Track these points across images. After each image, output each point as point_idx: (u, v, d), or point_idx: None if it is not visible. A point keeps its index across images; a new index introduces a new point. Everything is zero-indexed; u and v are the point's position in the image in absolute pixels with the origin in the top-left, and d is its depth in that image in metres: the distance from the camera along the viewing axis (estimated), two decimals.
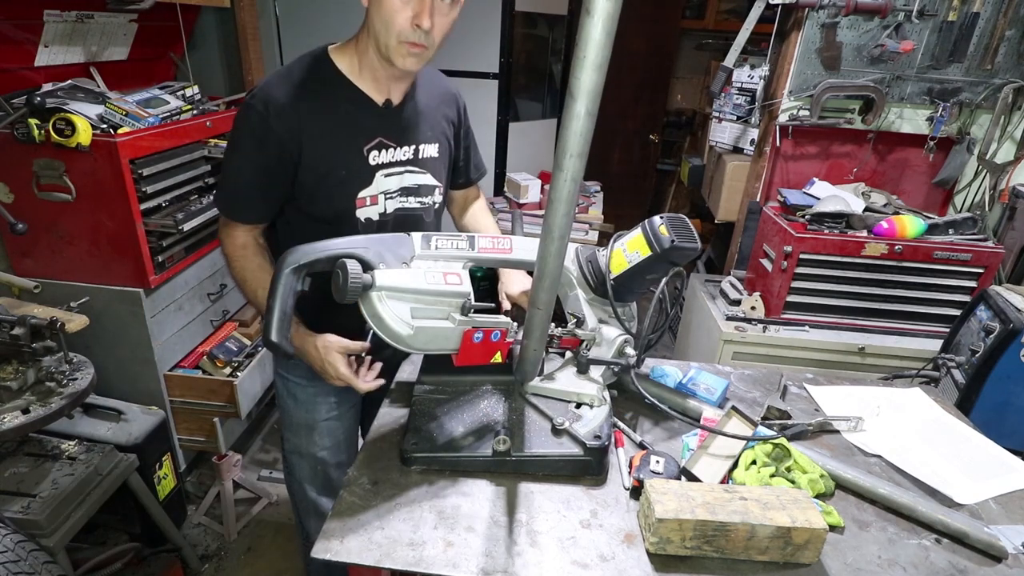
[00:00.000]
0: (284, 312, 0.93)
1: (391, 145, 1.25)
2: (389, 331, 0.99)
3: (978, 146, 2.32)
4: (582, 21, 0.69)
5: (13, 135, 1.69)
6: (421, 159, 1.31)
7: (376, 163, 1.23)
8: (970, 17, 2.15)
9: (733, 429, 1.14)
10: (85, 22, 1.92)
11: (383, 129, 1.24)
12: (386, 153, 1.25)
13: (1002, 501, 1.12)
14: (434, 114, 1.34)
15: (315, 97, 1.17)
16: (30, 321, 1.49)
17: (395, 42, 1.10)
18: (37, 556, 1.36)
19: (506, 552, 0.92)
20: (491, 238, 1.14)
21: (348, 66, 1.20)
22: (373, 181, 1.24)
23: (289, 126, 1.14)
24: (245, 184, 1.20)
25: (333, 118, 1.19)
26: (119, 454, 1.72)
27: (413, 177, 1.30)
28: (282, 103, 1.14)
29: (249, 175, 1.19)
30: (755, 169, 2.61)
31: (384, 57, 1.14)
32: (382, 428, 1.20)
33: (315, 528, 1.49)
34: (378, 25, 1.10)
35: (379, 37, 1.12)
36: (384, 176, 1.25)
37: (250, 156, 1.18)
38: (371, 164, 1.23)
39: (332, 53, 1.21)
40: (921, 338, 2.27)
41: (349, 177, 1.21)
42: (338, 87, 1.20)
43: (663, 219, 1.15)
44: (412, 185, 1.30)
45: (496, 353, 1.10)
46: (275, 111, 1.14)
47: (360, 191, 1.23)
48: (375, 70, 1.19)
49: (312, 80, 1.18)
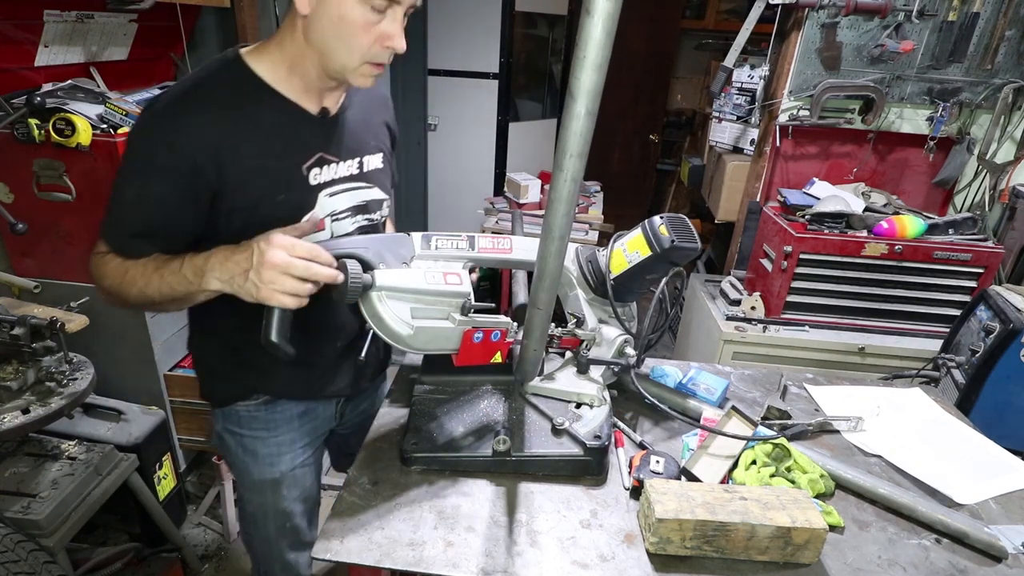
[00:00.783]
0: (284, 312, 0.93)
1: (333, 160, 1.09)
2: (389, 331, 0.98)
3: (978, 146, 2.32)
4: (582, 21, 0.69)
5: (13, 135, 1.69)
6: (367, 172, 1.16)
7: (318, 183, 1.06)
8: (970, 17, 2.15)
9: (733, 429, 1.14)
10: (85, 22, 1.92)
11: (322, 143, 1.07)
12: (328, 170, 1.08)
13: (1002, 501, 1.12)
14: (374, 120, 1.21)
15: (235, 108, 0.98)
16: (30, 321, 1.49)
17: (358, 63, 0.97)
18: (37, 556, 1.36)
19: (506, 552, 0.92)
20: (491, 238, 1.14)
21: (270, 72, 1.01)
22: (316, 203, 1.07)
23: (203, 144, 0.95)
24: (144, 218, 0.98)
25: (260, 133, 1.00)
26: (119, 454, 1.72)
27: (360, 193, 1.15)
28: (192, 116, 0.95)
29: (149, 207, 0.97)
30: (755, 169, 2.61)
31: (334, 76, 1.00)
32: (382, 428, 1.20)
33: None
34: (333, 43, 0.95)
35: (333, 56, 0.97)
36: (328, 196, 1.09)
37: (151, 183, 0.96)
38: (312, 184, 1.06)
39: (247, 57, 1.01)
40: (921, 338, 2.27)
41: (288, 201, 1.03)
42: (262, 96, 1.00)
43: (663, 219, 1.15)
44: (360, 202, 1.15)
45: (496, 353, 1.10)
46: (183, 126, 0.94)
47: (302, 217, 1.05)
48: (309, 80, 1.02)
49: (227, 88, 0.99)
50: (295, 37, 0.98)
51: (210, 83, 0.99)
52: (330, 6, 0.92)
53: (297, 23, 0.97)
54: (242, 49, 1.03)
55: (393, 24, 0.96)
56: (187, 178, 0.95)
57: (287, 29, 0.99)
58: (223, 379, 1.21)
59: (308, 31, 0.96)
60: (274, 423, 1.22)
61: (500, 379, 1.22)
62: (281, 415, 1.23)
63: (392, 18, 0.95)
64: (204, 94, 0.98)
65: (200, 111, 0.96)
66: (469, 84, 3.57)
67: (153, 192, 0.96)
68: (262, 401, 1.20)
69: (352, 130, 1.13)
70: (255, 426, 1.22)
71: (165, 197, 0.96)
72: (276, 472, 1.26)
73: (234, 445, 1.25)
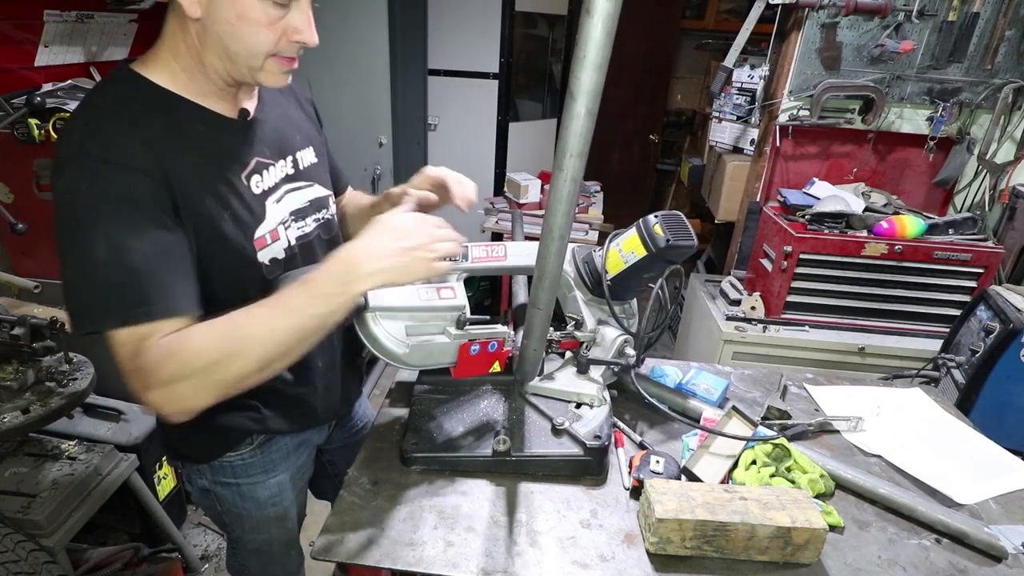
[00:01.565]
0: None
1: (269, 163, 1.00)
2: (384, 350, 0.98)
3: (978, 146, 2.32)
4: (582, 21, 0.69)
5: (13, 135, 1.69)
6: (303, 170, 1.08)
7: (261, 190, 0.98)
8: (970, 17, 2.15)
9: (733, 429, 1.14)
10: (85, 22, 1.92)
11: (252, 146, 0.97)
12: (268, 175, 0.99)
13: (1002, 501, 1.12)
14: (290, 111, 1.10)
15: (155, 122, 0.86)
16: (30, 321, 1.49)
17: (262, 62, 0.87)
18: (37, 556, 1.36)
19: (506, 552, 0.92)
20: (485, 246, 1.13)
21: (171, 82, 0.89)
22: (265, 213, 0.98)
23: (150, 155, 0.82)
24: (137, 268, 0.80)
25: (189, 146, 0.89)
26: (119, 454, 1.72)
27: (301, 194, 1.06)
28: (121, 132, 0.82)
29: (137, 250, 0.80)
30: (755, 169, 2.61)
31: (240, 79, 0.90)
32: (382, 428, 1.20)
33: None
34: (234, 46, 0.85)
35: (235, 59, 0.86)
36: (275, 203, 1.00)
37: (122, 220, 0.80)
38: (256, 193, 0.97)
39: (141, 71, 0.88)
40: (921, 338, 2.27)
41: (237, 216, 0.93)
42: (176, 107, 0.89)
43: (658, 218, 1.14)
44: (303, 204, 1.07)
45: (494, 363, 1.10)
46: (120, 143, 0.81)
47: (256, 230, 0.96)
48: (215, 84, 0.92)
49: (138, 103, 0.86)
50: (188, 42, 0.87)
51: (116, 99, 0.86)
52: (226, 6, 0.82)
53: (188, 27, 0.86)
54: (131, 64, 0.90)
55: (300, 16, 0.86)
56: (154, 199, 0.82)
57: (176, 35, 0.88)
58: (208, 431, 1.05)
59: (203, 35, 0.85)
60: (271, 464, 1.16)
61: (500, 379, 1.22)
62: (277, 453, 1.17)
63: (298, 9, 0.86)
64: (118, 110, 0.84)
65: (123, 126, 0.83)
66: (469, 84, 3.57)
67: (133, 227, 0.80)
68: (256, 445, 1.13)
69: (276, 128, 1.04)
70: (252, 472, 1.14)
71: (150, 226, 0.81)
72: (281, 509, 1.22)
73: (230, 496, 1.15)
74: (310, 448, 1.27)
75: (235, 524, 1.21)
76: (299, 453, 1.22)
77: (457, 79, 3.57)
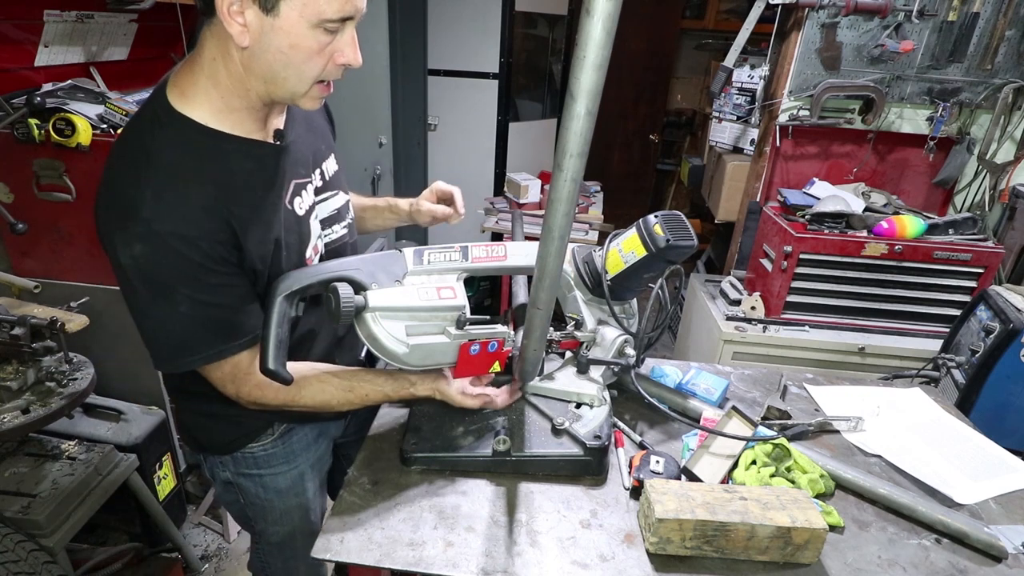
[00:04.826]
0: (280, 340, 0.93)
1: (305, 181, 1.04)
2: (385, 350, 0.98)
3: (978, 146, 2.32)
4: (582, 21, 0.69)
5: (13, 135, 1.69)
6: (328, 180, 1.11)
7: (303, 211, 1.03)
8: (970, 17, 2.15)
9: (733, 429, 1.14)
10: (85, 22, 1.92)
11: (290, 167, 1.01)
12: (306, 194, 1.04)
13: (1002, 501, 1.12)
14: (319, 120, 1.14)
15: (215, 178, 0.90)
16: (30, 321, 1.49)
17: (308, 87, 0.90)
18: (37, 556, 1.36)
19: (506, 552, 0.92)
20: (485, 246, 1.13)
21: (210, 115, 0.90)
22: (311, 231, 1.05)
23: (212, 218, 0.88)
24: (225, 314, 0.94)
25: (243, 189, 0.93)
26: (119, 454, 1.72)
27: (328, 204, 1.11)
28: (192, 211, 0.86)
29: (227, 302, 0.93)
30: (755, 169, 2.61)
31: (280, 101, 0.93)
32: (382, 428, 1.20)
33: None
34: (283, 73, 0.87)
35: (283, 84, 0.88)
36: (315, 219, 1.06)
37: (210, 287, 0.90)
38: (300, 215, 1.02)
39: (180, 107, 0.89)
40: (921, 338, 2.27)
41: (290, 241, 1.00)
42: (220, 147, 0.91)
43: (657, 218, 1.14)
44: (332, 212, 1.12)
45: (494, 363, 1.10)
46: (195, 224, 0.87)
47: (307, 250, 1.04)
48: (254, 111, 0.94)
49: (193, 156, 0.89)
50: (230, 69, 0.88)
51: (172, 155, 0.88)
52: (278, 36, 0.83)
53: (233, 55, 0.86)
54: (169, 93, 0.90)
55: (346, 39, 0.88)
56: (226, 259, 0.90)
57: (217, 61, 0.88)
58: (230, 422, 1.11)
59: (249, 63, 0.86)
60: (292, 454, 1.19)
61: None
62: (299, 443, 1.20)
63: (345, 33, 0.88)
64: (175, 170, 0.87)
65: (185, 190, 0.87)
66: (469, 84, 3.56)
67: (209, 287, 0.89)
68: (277, 435, 1.16)
69: (306, 142, 1.06)
70: (274, 462, 1.18)
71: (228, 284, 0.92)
72: (304, 499, 1.24)
73: (253, 487, 1.19)
74: (328, 439, 1.29)
75: (258, 517, 1.23)
76: (318, 444, 1.25)
77: (457, 79, 3.57)
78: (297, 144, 1.03)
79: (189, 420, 1.17)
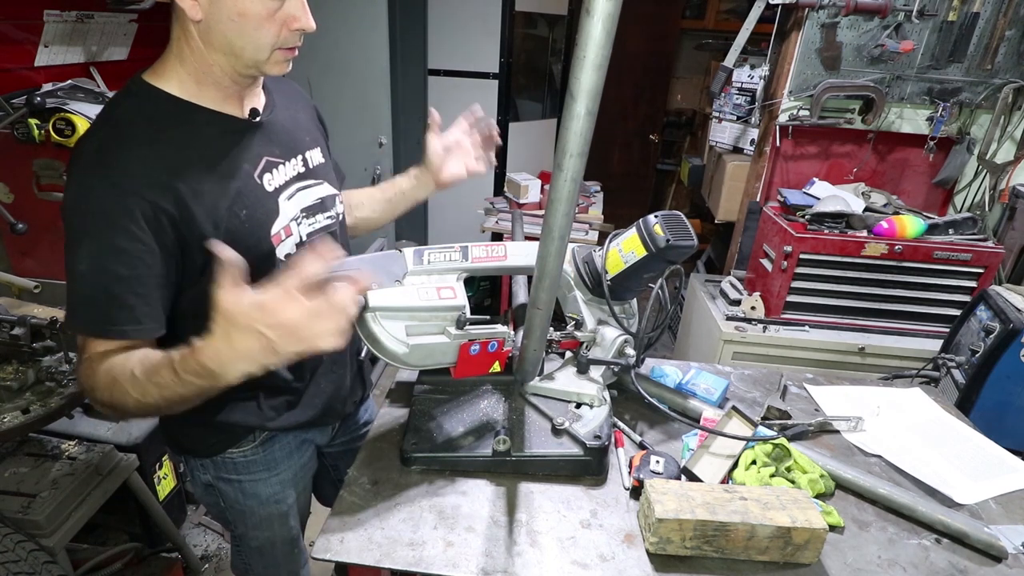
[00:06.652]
0: None
1: (278, 161, 1.03)
2: (385, 351, 0.98)
3: (978, 146, 2.32)
4: (582, 21, 0.69)
5: (13, 135, 1.69)
6: (312, 168, 1.11)
7: (273, 188, 1.02)
8: (970, 17, 2.15)
9: (733, 429, 1.14)
10: (85, 22, 1.92)
11: (263, 145, 1.01)
12: (278, 173, 1.03)
13: (1002, 501, 1.12)
14: (301, 116, 1.15)
15: (168, 136, 0.91)
16: (30, 321, 1.49)
17: (268, 54, 0.91)
18: (37, 556, 1.36)
19: (506, 552, 0.92)
20: (485, 246, 1.13)
21: (181, 89, 0.93)
22: (279, 209, 1.02)
23: (153, 180, 0.87)
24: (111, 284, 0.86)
25: (203, 154, 0.93)
26: (119, 454, 1.72)
27: (313, 191, 1.10)
28: (129, 154, 0.87)
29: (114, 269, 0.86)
30: (755, 169, 2.61)
31: (247, 74, 0.94)
32: (382, 428, 1.20)
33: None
34: (239, 42, 0.89)
35: (241, 54, 0.90)
36: (287, 200, 1.04)
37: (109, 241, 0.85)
38: (268, 191, 1.01)
39: (152, 81, 0.93)
40: (921, 338, 2.27)
41: (253, 213, 0.98)
42: (188, 116, 0.93)
43: (657, 218, 1.14)
44: (315, 200, 1.10)
45: (494, 363, 1.10)
46: (125, 167, 0.86)
47: (272, 226, 1.00)
48: (223, 86, 0.95)
49: (151, 117, 0.91)
50: (192, 46, 0.91)
51: (130, 117, 0.90)
52: (224, 6, 0.86)
53: (191, 30, 0.89)
54: (143, 75, 0.94)
55: (296, 4, 0.90)
56: (150, 222, 0.86)
57: (181, 40, 0.91)
58: (211, 427, 1.09)
59: (207, 36, 0.89)
60: (274, 462, 1.17)
61: (500, 379, 1.22)
62: (280, 451, 1.18)
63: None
64: (131, 130, 0.89)
65: (135, 147, 0.87)
66: (469, 84, 3.56)
67: (114, 249, 0.85)
68: (259, 442, 1.14)
69: (286, 128, 1.07)
70: (255, 469, 1.15)
71: (131, 251, 0.86)
72: (284, 507, 1.22)
73: (232, 492, 1.17)
74: (311, 446, 1.27)
75: (238, 521, 1.21)
76: (301, 452, 1.23)
77: (457, 79, 3.57)
78: (274, 126, 1.05)
79: (169, 421, 1.15)
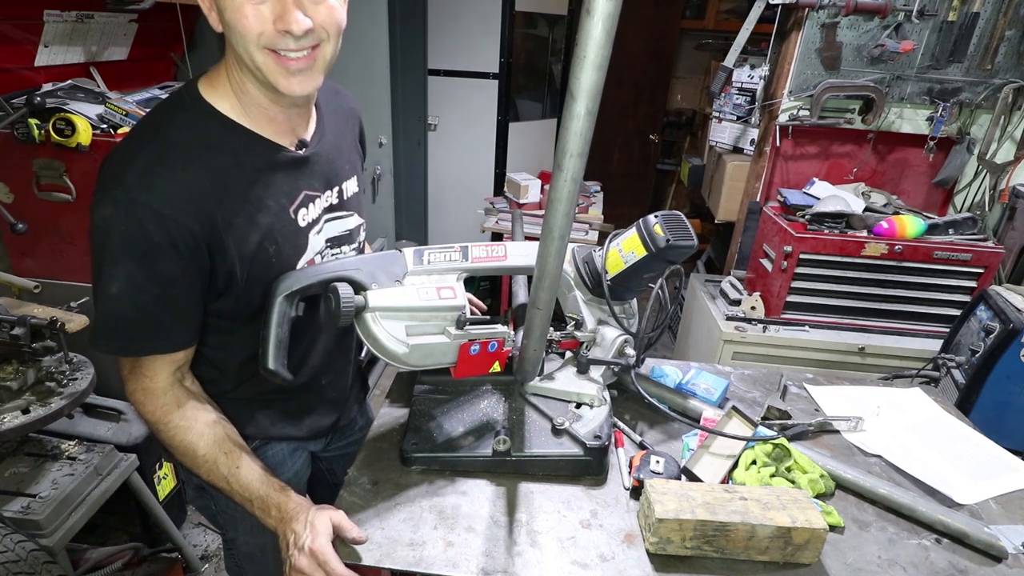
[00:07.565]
0: (280, 340, 0.93)
1: (316, 195, 1.01)
2: (384, 350, 0.98)
3: (978, 146, 2.32)
4: (582, 21, 0.69)
5: (13, 135, 1.69)
6: (346, 200, 1.09)
7: (306, 223, 1.00)
8: (970, 17, 2.15)
9: (733, 429, 1.14)
10: (85, 22, 1.92)
11: (305, 180, 0.99)
12: (314, 207, 1.01)
13: (1002, 501, 1.12)
14: (346, 141, 1.12)
15: (212, 161, 0.88)
16: (30, 321, 1.49)
17: (259, 55, 0.84)
18: (37, 556, 1.36)
19: (506, 552, 0.92)
20: (485, 246, 1.13)
21: (231, 108, 0.91)
22: (308, 244, 1.01)
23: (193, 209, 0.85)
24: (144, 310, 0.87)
25: (243, 183, 0.91)
26: (119, 454, 1.72)
27: (341, 223, 1.08)
28: (172, 181, 0.84)
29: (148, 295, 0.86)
30: (755, 169, 2.61)
31: (265, 85, 0.88)
32: (382, 428, 1.20)
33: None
34: (236, 45, 0.84)
35: (243, 58, 0.85)
36: (316, 234, 1.03)
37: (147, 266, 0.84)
38: (301, 226, 0.99)
39: (206, 92, 0.90)
40: (921, 338, 2.27)
41: (282, 249, 0.96)
42: (234, 139, 0.90)
43: (658, 218, 1.14)
44: (342, 232, 1.09)
45: (494, 363, 1.10)
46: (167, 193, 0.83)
47: (299, 261, 1.00)
48: (264, 107, 0.92)
49: (198, 138, 0.88)
50: (230, 61, 0.89)
51: (180, 136, 0.87)
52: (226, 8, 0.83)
53: (227, 46, 0.88)
54: (200, 83, 0.92)
55: (277, 3, 0.82)
56: (189, 249, 0.85)
57: (228, 57, 0.90)
58: None
59: (231, 48, 0.87)
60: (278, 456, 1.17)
61: (500, 379, 1.22)
62: (273, 458, 1.17)
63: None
64: (179, 152, 0.86)
65: (180, 171, 0.85)
66: (469, 84, 3.56)
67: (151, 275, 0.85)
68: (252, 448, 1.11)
69: (329, 159, 1.05)
70: None
71: (167, 276, 0.86)
72: None
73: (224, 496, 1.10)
74: (305, 452, 1.26)
75: (230, 525, 1.21)
76: (295, 458, 1.22)
77: (457, 79, 3.57)
78: (319, 157, 1.03)
79: None
